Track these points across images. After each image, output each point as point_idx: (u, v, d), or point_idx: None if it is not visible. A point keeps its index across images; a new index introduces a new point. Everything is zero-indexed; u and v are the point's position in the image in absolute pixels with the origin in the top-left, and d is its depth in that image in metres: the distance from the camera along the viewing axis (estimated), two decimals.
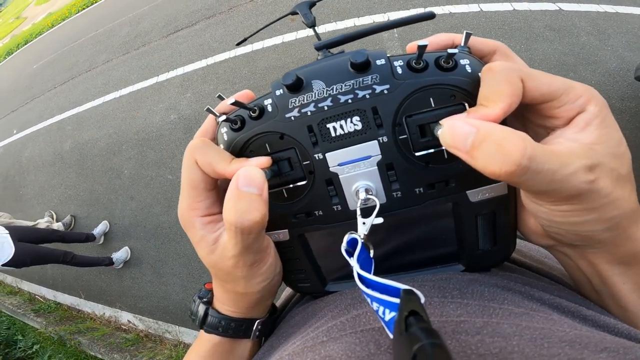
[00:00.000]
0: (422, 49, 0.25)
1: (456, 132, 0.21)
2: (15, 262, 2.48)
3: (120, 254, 3.14)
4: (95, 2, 7.90)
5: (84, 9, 8.10)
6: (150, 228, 3.21)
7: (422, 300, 0.19)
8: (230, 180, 0.26)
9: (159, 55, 4.48)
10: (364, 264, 0.25)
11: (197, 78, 3.82)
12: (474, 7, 2.92)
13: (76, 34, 6.81)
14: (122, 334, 3.04)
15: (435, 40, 0.29)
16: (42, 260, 2.69)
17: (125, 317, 3.13)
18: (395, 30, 3.00)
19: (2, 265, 2.44)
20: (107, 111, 4.32)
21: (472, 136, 0.21)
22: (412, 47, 0.28)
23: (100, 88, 4.72)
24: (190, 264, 2.90)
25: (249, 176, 0.25)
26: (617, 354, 0.20)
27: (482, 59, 0.29)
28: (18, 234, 2.58)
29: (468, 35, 0.27)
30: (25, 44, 9.07)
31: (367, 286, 0.22)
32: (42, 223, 3.34)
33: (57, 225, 3.49)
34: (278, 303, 0.46)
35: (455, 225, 0.31)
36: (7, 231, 2.53)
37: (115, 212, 3.50)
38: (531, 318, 0.24)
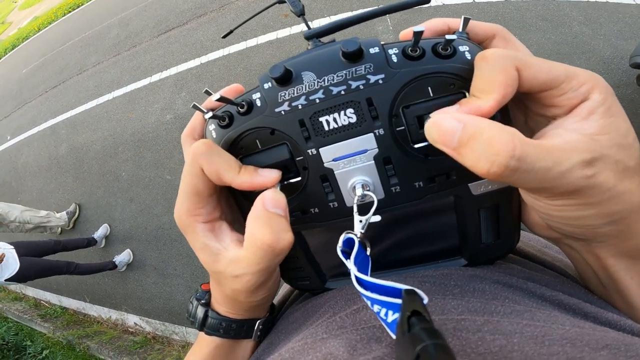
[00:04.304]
0: (418, 35, 0.23)
1: (442, 129, 0.20)
2: (19, 277, 2.49)
3: (123, 257, 3.15)
4: (82, 5, 7.77)
5: (69, 12, 7.97)
6: (152, 229, 3.21)
7: (425, 300, 0.18)
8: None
9: (150, 56, 4.43)
10: (361, 264, 0.24)
11: (192, 77, 3.79)
12: None
13: (64, 37, 6.71)
14: (129, 337, 3.06)
15: (430, 25, 0.27)
16: (46, 273, 2.69)
17: (132, 319, 3.14)
18: (389, 22, 3.00)
19: (6, 280, 2.45)
20: (101, 114, 4.29)
21: (459, 133, 0.20)
22: (406, 34, 0.27)
23: (93, 91, 4.67)
24: (193, 263, 2.92)
25: (276, 199, 0.25)
26: (619, 351, 0.19)
27: (480, 44, 0.27)
28: (22, 249, 2.58)
29: (466, 21, 0.25)
30: (13, 49, 8.92)
31: (366, 288, 0.21)
32: (42, 213, 3.36)
33: (60, 215, 3.49)
34: (276, 300, 0.45)
35: (457, 219, 0.30)
36: (12, 246, 2.54)
37: (115, 215, 3.49)
38: (532, 315, 0.24)
